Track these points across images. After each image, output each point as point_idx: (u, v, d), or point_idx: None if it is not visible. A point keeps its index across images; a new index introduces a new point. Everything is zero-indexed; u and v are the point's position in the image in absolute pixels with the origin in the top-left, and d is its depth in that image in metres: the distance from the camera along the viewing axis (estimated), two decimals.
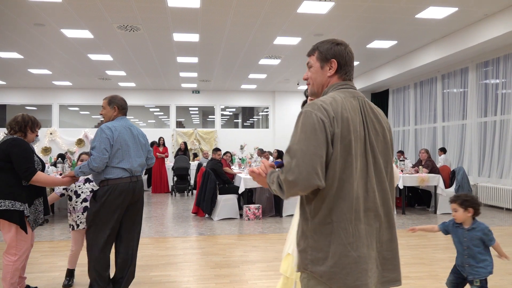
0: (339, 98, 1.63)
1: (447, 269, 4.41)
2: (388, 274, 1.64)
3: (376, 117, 1.70)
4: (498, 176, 9.15)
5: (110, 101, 3.57)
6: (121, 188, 3.35)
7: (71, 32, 8.91)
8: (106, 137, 3.32)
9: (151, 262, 4.71)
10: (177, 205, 9.49)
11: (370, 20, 8.26)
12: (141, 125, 18.79)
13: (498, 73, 9.34)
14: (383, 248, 1.64)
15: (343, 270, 1.54)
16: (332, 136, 1.54)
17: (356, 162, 1.57)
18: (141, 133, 3.66)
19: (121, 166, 3.36)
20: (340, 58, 1.73)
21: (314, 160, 1.50)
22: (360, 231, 1.57)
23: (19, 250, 3.32)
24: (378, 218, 1.62)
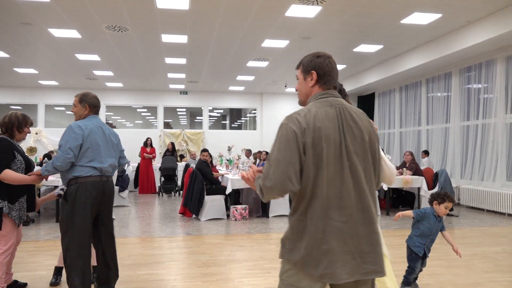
0: (314, 109, 1.80)
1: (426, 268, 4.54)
2: (368, 266, 1.76)
3: (354, 121, 1.82)
4: (480, 178, 9.38)
5: (81, 99, 3.48)
6: (91, 185, 3.28)
7: (59, 32, 8.88)
8: (75, 137, 3.25)
9: (138, 261, 4.75)
10: (164, 206, 9.50)
11: (357, 25, 8.41)
12: (128, 125, 18.72)
13: (480, 78, 9.58)
14: (362, 242, 1.76)
15: (313, 261, 1.73)
16: (304, 146, 1.72)
17: (328, 166, 1.74)
18: (113, 133, 3.60)
19: (91, 165, 3.30)
20: (319, 69, 1.89)
21: (288, 168, 1.70)
22: (331, 228, 1.74)
23: (4, 244, 3.41)
24: (354, 215, 1.76)
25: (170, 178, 11.60)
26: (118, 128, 17.80)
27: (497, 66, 8.97)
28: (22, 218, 3.59)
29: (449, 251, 5.40)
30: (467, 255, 5.14)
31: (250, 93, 17.58)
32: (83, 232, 3.26)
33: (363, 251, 1.76)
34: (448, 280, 4.14)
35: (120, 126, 18.25)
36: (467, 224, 7.36)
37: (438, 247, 5.60)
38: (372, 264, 1.77)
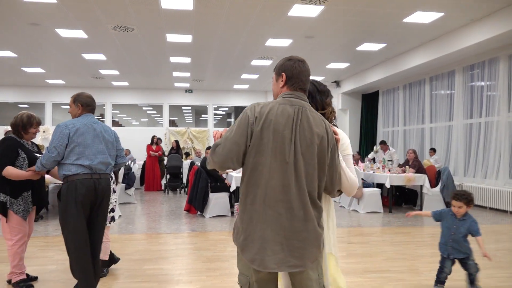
0: (274, 104, 1.95)
1: (427, 264, 4.64)
2: (293, 260, 1.88)
3: (309, 125, 1.93)
4: (483, 176, 9.42)
5: (75, 99, 3.57)
6: (80, 184, 3.32)
7: (66, 32, 9.03)
8: (60, 136, 3.32)
9: (144, 256, 4.88)
10: (169, 203, 9.65)
11: (360, 24, 8.48)
12: (134, 123, 18.90)
13: (483, 76, 9.61)
14: (293, 236, 1.88)
15: (249, 244, 1.89)
16: (252, 132, 1.89)
17: (271, 157, 1.87)
18: (107, 130, 3.58)
19: (79, 163, 3.34)
20: (288, 72, 2.04)
21: (233, 147, 1.89)
22: (267, 216, 1.87)
23: (14, 235, 3.68)
24: (290, 210, 1.88)
25: (176, 176, 11.73)
26: (124, 126, 17.99)
27: (500, 65, 9.00)
28: (27, 211, 3.78)
29: None
30: None
31: (254, 91, 17.68)
32: (76, 230, 3.34)
33: (293, 245, 1.88)
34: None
35: (126, 124, 18.45)
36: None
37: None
38: (298, 259, 1.88)
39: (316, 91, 2.29)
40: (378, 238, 6.04)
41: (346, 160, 2.18)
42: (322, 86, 2.33)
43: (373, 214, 8.18)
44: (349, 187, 2.10)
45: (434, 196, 8.45)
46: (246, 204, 1.93)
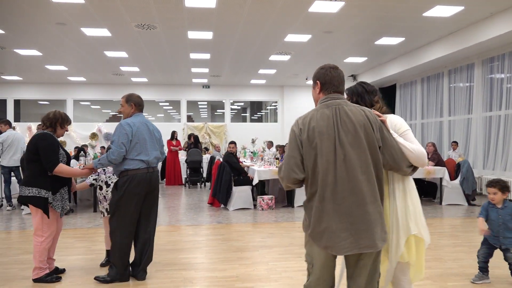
0: (313, 112, 2.23)
1: (450, 253, 4.79)
2: (363, 241, 2.08)
3: (348, 118, 2.14)
4: (502, 168, 9.46)
5: (127, 99, 3.91)
6: (139, 177, 3.69)
7: (90, 31, 9.29)
8: (125, 133, 3.67)
9: (177, 247, 5.11)
10: (192, 197, 9.90)
11: (379, 18, 8.55)
12: (150, 119, 19.21)
13: (503, 68, 9.61)
14: (356, 221, 2.08)
15: (317, 235, 2.15)
16: (301, 142, 2.16)
17: (322, 157, 2.11)
18: (156, 128, 3.99)
19: (139, 158, 3.71)
20: (321, 79, 2.31)
21: (291, 161, 2.19)
22: (328, 209, 2.10)
23: (45, 232, 3.79)
24: (347, 198, 2.08)
25: (196, 170, 11.98)
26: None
27: None
28: (64, 208, 3.96)
29: (471, 238, 5.61)
30: None
31: (271, 86, 17.81)
32: (128, 219, 3.73)
33: (359, 229, 2.08)
34: (469, 264, 4.36)
35: None
36: None
37: (460, 235, 5.81)
38: (367, 240, 2.08)
39: (364, 92, 2.58)
40: None
41: (405, 136, 2.38)
42: (369, 87, 2.60)
43: None
44: (415, 158, 2.27)
45: (454, 188, 8.53)
46: (310, 202, 2.19)
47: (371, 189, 2.11)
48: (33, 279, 3.81)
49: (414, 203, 2.42)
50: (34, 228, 3.80)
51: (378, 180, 2.15)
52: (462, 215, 7.42)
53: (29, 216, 7.20)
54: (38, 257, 3.77)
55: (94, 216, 7.18)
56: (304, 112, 2.31)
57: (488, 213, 3.80)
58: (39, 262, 3.79)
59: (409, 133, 2.40)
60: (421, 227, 2.42)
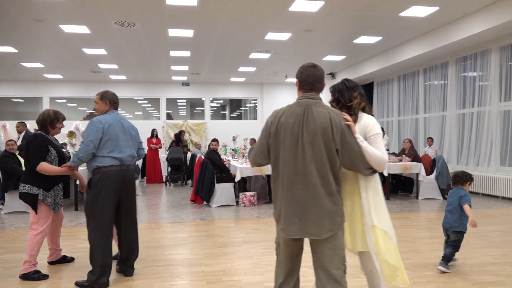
0: (287, 107, 2.45)
1: (427, 245, 5.00)
2: (310, 230, 2.32)
3: (313, 118, 2.33)
4: (475, 164, 9.82)
5: (102, 96, 3.87)
6: (112, 175, 3.63)
7: (69, 28, 9.17)
8: (95, 130, 3.62)
9: (162, 243, 5.16)
10: (173, 194, 9.91)
11: (357, 18, 8.75)
12: (127, 116, 19.00)
13: (475, 67, 9.97)
14: (308, 211, 2.32)
15: (278, 218, 2.43)
16: (270, 133, 2.43)
17: (284, 151, 2.36)
18: (131, 126, 3.93)
19: (111, 155, 3.64)
20: (299, 77, 2.50)
21: (259, 148, 2.50)
22: (285, 197, 2.36)
23: (40, 226, 3.89)
24: (302, 190, 2.32)
25: (177, 168, 11.98)
26: None
27: (492, 56, 9.35)
28: (58, 204, 4.05)
29: None
30: None
31: (251, 83, 17.90)
32: (104, 217, 3.65)
33: (308, 218, 2.32)
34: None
35: None
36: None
37: (436, 227, 6.05)
38: (314, 229, 2.31)
39: (345, 88, 2.68)
40: None
41: (372, 139, 2.49)
42: (350, 83, 2.72)
43: None
44: (373, 162, 2.39)
45: (429, 183, 8.81)
46: (274, 187, 2.46)
47: (324, 185, 2.31)
48: (20, 274, 3.85)
49: (376, 201, 2.55)
50: (30, 222, 3.94)
51: (335, 178, 2.34)
52: (437, 208, 7.69)
53: (8, 216, 7.10)
54: (30, 251, 3.86)
55: (76, 214, 7.13)
56: None
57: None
58: (30, 256, 3.86)
59: (377, 138, 2.50)
60: (384, 223, 2.54)
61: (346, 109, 2.63)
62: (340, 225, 2.36)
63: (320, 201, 2.29)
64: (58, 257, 4.26)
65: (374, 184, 2.58)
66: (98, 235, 3.64)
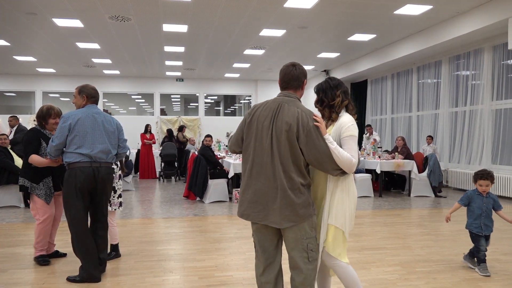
0: (264, 102, 2.60)
1: (418, 242, 5.04)
2: (271, 218, 2.46)
3: (282, 116, 2.45)
4: (467, 162, 9.91)
5: (80, 90, 3.79)
6: (79, 171, 3.55)
7: (62, 22, 9.11)
8: (62, 126, 3.58)
9: (155, 239, 5.16)
10: (167, 190, 9.90)
11: (352, 15, 8.77)
12: (121, 112, 18.94)
13: (468, 66, 10.04)
14: (270, 201, 2.45)
15: (241, 203, 2.59)
16: (245, 123, 2.59)
17: (256, 141, 2.50)
18: (108, 121, 3.75)
19: (78, 151, 3.56)
20: (279, 76, 2.65)
21: (236, 136, 2.66)
22: (251, 185, 2.51)
23: (41, 216, 4.08)
24: (268, 181, 2.46)
25: (171, 164, 11.96)
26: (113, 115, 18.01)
27: (485, 55, 9.42)
28: (49, 195, 4.11)
29: (437, 227, 5.91)
30: (453, 231, 5.64)
31: (245, 80, 17.89)
32: (75, 212, 3.62)
33: (270, 207, 2.46)
34: (436, 252, 4.62)
35: (114, 112, 18.48)
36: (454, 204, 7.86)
37: (427, 224, 6.11)
38: (274, 217, 2.45)
39: (328, 87, 2.66)
40: (371, 220, 6.43)
41: (344, 141, 2.49)
42: (334, 82, 2.69)
43: (365, 198, 8.59)
44: (341, 163, 2.42)
45: (422, 181, 8.88)
46: (242, 174, 2.61)
47: (287, 179, 2.42)
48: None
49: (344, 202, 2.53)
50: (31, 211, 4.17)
51: (299, 174, 2.44)
52: (429, 206, 7.76)
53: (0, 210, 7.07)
54: (35, 238, 4.12)
55: None
56: None
57: (472, 201, 4.01)
58: (36, 243, 4.13)
59: (349, 140, 2.48)
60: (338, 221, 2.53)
61: (329, 108, 2.62)
62: (304, 217, 2.44)
63: (282, 193, 2.41)
64: (50, 251, 4.29)
65: (345, 185, 2.55)
66: (73, 229, 3.65)
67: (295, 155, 2.42)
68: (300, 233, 2.45)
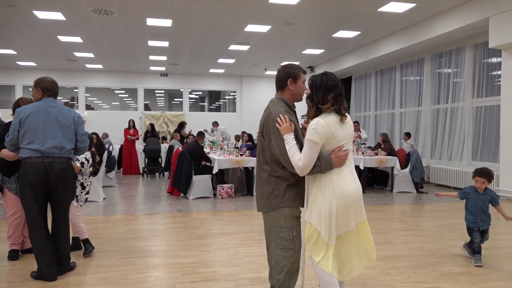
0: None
1: (399, 237, 5.11)
2: (257, 204, 2.73)
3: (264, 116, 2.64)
4: (448, 158, 10.08)
5: (36, 84, 3.68)
6: (30, 167, 3.46)
7: (43, 14, 8.93)
8: (13, 122, 3.52)
9: (138, 235, 5.12)
10: (150, 186, 9.82)
11: (337, 12, 8.80)
12: (104, 107, 18.66)
13: (450, 63, 10.20)
14: (256, 190, 2.75)
15: None
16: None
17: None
18: (64, 114, 3.60)
19: (29, 147, 3.47)
20: None
21: None
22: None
23: (10, 209, 4.09)
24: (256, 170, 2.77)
25: (155, 159, 11.86)
26: (95, 110, 17.75)
27: (466, 53, 9.58)
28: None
29: (419, 223, 6.01)
30: (435, 226, 5.74)
31: (230, 75, 17.82)
32: (29, 209, 3.55)
33: (257, 196, 2.73)
34: (417, 247, 4.69)
35: (97, 107, 18.22)
36: (436, 200, 8.02)
37: (409, 220, 6.20)
38: (257, 203, 2.71)
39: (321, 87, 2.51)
40: None
41: (304, 144, 2.48)
42: (330, 82, 2.50)
43: None
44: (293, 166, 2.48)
45: (404, 177, 9.00)
46: None
47: (261, 169, 2.67)
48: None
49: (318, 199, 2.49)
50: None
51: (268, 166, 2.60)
52: (411, 201, 7.88)
53: None
54: (7, 232, 4.11)
55: None
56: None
57: (468, 197, 4.19)
58: (8, 237, 4.13)
59: (306, 144, 2.43)
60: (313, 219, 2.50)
61: (316, 108, 2.51)
62: (271, 206, 2.59)
63: (257, 183, 2.72)
64: (26, 246, 4.24)
65: (322, 184, 2.48)
66: (29, 226, 3.60)
67: (263, 150, 2.64)
68: (273, 220, 2.61)
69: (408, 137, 10.73)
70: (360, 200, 2.57)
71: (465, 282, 3.61)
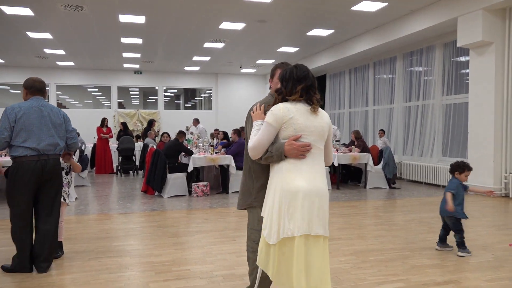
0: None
1: (372, 232, 5.21)
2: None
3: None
4: (419, 154, 10.33)
5: (23, 84, 3.75)
6: (26, 165, 3.48)
7: (11, 9, 8.67)
8: (7, 118, 3.47)
9: (111, 235, 5.04)
10: (124, 185, 9.69)
11: (310, 10, 8.88)
12: (77, 105, 18.29)
13: (421, 62, 10.44)
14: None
15: None
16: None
17: None
18: (55, 113, 3.68)
19: (25, 145, 3.47)
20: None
21: None
22: None
23: None
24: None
25: (128, 158, 11.70)
26: (68, 108, 17.38)
27: (436, 52, 9.82)
28: None
29: (391, 217, 6.13)
30: (406, 220, 5.87)
31: (205, 73, 17.74)
32: (19, 209, 3.56)
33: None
34: (389, 241, 4.79)
35: (69, 106, 17.84)
36: (407, 195, 8.21)
37: (382, 215, 6.32)
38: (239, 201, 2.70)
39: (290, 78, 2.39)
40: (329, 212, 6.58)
41: None
42: (300, 73, 2.40)
43: None
44: None
45: (377, 173, 9.17)
46: None
47: (245, 167, 2.65)
48: None
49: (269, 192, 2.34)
50: None
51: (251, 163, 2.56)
52: (383, 197, 8.03)
53: None
54: None
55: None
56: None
57: (459, 191, 4.39)
58: None
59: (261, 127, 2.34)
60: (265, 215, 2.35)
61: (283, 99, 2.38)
62: (248, 204, 2.57)
63: (245, 182, 2.63)
64: None
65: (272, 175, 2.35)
66: (15, 221, 3.60)
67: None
68: (251, 219, 2.59)
69: (383, 134, 10.93)
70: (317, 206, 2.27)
71: (434, 274, 3.71)
